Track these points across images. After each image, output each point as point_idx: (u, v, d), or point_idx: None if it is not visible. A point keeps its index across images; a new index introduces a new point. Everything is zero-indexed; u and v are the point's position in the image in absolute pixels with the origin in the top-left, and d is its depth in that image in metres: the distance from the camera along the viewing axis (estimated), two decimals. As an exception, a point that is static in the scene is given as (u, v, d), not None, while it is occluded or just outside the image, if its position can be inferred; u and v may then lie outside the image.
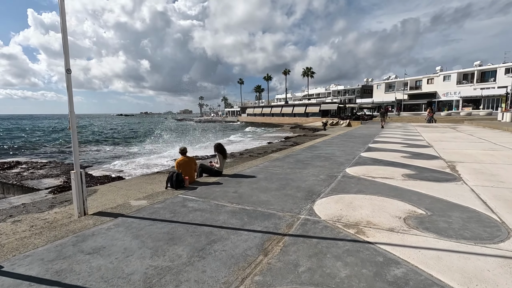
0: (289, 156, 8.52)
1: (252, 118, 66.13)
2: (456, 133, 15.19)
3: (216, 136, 32.68)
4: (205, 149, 18.33)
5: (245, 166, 6.96)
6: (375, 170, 6.14)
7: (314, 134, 21.78)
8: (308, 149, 10.00)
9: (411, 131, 17.57)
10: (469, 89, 49.06)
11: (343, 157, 7.97)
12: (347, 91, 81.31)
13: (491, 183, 4.86)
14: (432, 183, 4.95)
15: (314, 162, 7.27)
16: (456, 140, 11.78)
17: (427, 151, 8.89)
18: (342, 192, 4.50)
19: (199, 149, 18.26)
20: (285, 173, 6.06)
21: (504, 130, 15.60)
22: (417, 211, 3.55)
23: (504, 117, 23.31)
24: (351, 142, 12.12)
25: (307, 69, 72.82)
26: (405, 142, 11.61)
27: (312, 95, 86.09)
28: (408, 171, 5.95)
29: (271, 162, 7.54)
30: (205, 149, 18.33)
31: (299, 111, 51.87)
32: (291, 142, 15.20)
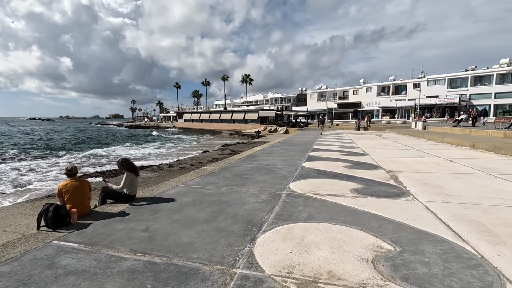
0: (226, 168, 7.40)
1: (190, 124, 63.27)
2: (384, 140, 16.20)
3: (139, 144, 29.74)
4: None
5: (170, 185, 5.57)
6: (321, 184, 5.43)
7: (253, 142, 21.17)
8: (247, 160, 9.04)
9: (344, 138, 18.26)
10: (387, 100, 55.56)
11: (285, 169, 7.20)
12: (283, 99, 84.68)
13: (440, 197, 4.52)
14: (384, 200, 4.39)
15: (254, 177, 6.28)
16: (387, 148, 12.29)
17: (365, 159, 8.78)
18: (289, 219, 3.56)
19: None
20: (219, 193, 4.90)
21: (421, 137, 17.28)
22: (383, 247, 2.78)
23: (416, 126, 26.41)
24: (291, 150, 11.64)
25: (246, 76, 73.43)
26: (342, 150, 11.61)
27: (251, 102, 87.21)
28: (356, 184, 5.40)
29: (204, 177, 6.30)
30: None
31: (238, 117, 51.45)
32: (229, 151, 14.14)
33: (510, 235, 3.05)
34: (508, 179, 5.78)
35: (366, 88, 60.37)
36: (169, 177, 7.50)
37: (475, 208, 3.94)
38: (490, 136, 14.51)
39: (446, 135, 15.70)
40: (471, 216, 3.62)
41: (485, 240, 2.91)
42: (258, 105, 75.90)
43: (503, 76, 42.82)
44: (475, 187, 5.13)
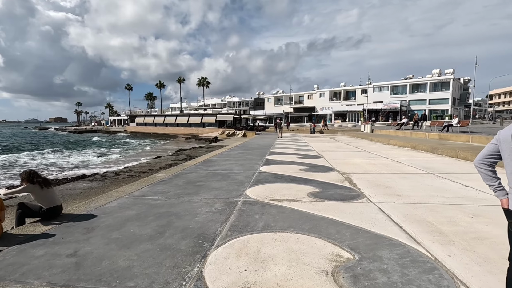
0: (179, 175, 6.89)
1: (143, 128, 59.88)
2: (337, 143, 16.91)
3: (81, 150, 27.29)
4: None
5: (112, 196, 4.93)
6: (278, 189, 5.28)
7: (210, 146, 20.62)
8: (203, 165, 8.60)
9: (300, 141, 18.68)
10: (338, 105, 58.91)
11: (242, 174, 6.94)
12: (241, 103, 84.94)
13: (391, 197, 4.65)
14: (340, 203, 4.36)
15: (209, 183, 5.90)
16: (340, 150, 12.77)
17: (321, 162, 8.93)
18: (245, 230, 3.28)
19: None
20: (169, 203, 4.44)
21: (369, 140, 18.42)
22: (342, 255, 2.65)
23: (365, 129, 28.26)
24: (249, 154, 11.45)
25: (203, 78, 72.09)
26: (299, 153, 11.75)
27: (208, 105, 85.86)
28: (312, 188, 5.34)
29: (153, 186, 5.74)
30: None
31: (195, 121, 50.08)
32: (184, 156, 13.46)
33: (457, 233, 3.16)
34: (446, 177, 6.25)
35: (320, 93, 63.39)
36: (114, 187, 6.75)
37: (423, 208, 4.09)
38: (427, 138, 15.99)
39: (391, 138, 16.94)
40: (420, 216, 3.72)
41: (436, 241, 2.96)
42: (216, 109, 74.98)
43: (435, 85, 48.30)
44: (421, 187, 5.41)
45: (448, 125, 17.09)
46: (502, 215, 3.83)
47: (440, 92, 47.20)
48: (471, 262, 2.51)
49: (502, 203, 1.68)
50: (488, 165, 1.72)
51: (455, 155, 9.30)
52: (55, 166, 17.86)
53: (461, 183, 5.69)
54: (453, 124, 16.83)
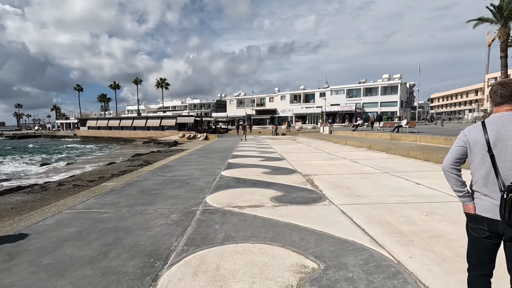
0: (132, 183, 6.31)
1: (95, 132, 55.64)
2: (298, 144, 17.22)
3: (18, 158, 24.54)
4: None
5: (50, 211, 4.29)
6: (241, 195, 5.05)
7: (170, 150, 19.72)
8: (160, 171, 8.05)
9: (263, 143, 18.71)
10: (298, 107, 60.69)
11: (202, 179, 6.59)
12: (203, 105, 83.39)
13: (352, 199, 4.69)
14: (303, 207, 4.28)
15: (165, 191, 5.47)
16: (301, 151, 12.97)
17: (283, 164, 8.91)
18: (203, 243, 3.00)
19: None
20: (118, 217, 3.96)
21: (328, 141, 19.09)
22: (307, 265, 2.50)
23: (324, 130, 29.37)
24: (210, 158, 11.07)
25: (161, 80, 69.32)
26: (261, 155, 11.67)
27: (168, 107, 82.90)
28: (275, 192, 5.21)
29: (102, 197, 5.15)
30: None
31: (154, 124, 47.87)
32: (140, 161, 12.60)
33: (415, 232, 3.22)
34: (400, 176, 6.56)
35: (281, 96, 64.76)
36: (55, 200, 5.95)
37: (382, 208, 4.16)
38: (381, 138, 17.03)
39: (349, 138, 17.73)
40: (380, 217, 3.76)
41: (397, 242, 2.96)
42: (176, 111, 72.62)
43: (385, 88, 52.19)
44: (378, 186, 5.58)
45: (398, 126, 18.41)
46: (451, 211, 4.06)
47: (390, 95, 51.10)
48: (431, 262, 2.53)
49: (468, 208, 1.61)
50: (459, 170, 1.63)
51: (406, 154, 9.93)
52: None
53: (414, 181, 6.00)
54: (403, 125, 18.17)
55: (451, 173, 1.62)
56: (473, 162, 1.59)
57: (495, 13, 26.42)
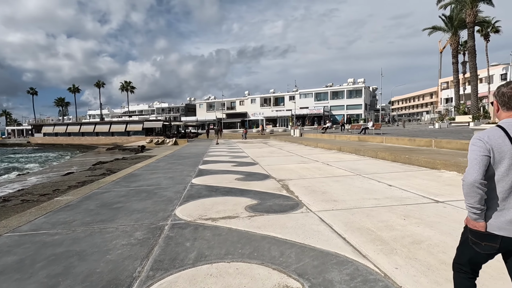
0: (91, 197, 5.69)
1: (52, 139, 51.50)
2: (270, 148, 17.15)
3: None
4: None
5: (-14, 236, 3.63)
6: (213, 205, 4.72)
7: (136, 157, 18.68)
8: (124, 181, 7.43)
9: (234, 148, 18.41)
10: (269, 111, 61.23)
11: (171, 189, 6.14)
12: (171, 109, 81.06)
13: (328, 204, 4.57)
14: (280, 216, 4.06)
15: (130, 204, 4.96)
16: (274, 155, 12.87)
17: (256, 169, 8.69)
18: (172, 266, 2.64)
19: None
20: (71, 238, 3.45)
21: (300, 144, 19.28)
22: (290, 285, 2.27)
23: (295, 133, 29.77)
24: (180, 164, 10.54)
25: (126, 83, 66.27)
26: (233, 160, 11.37)
27: (134, 111, 79.42)
28: (250, 200, 4.95)
29: (53, 214, 4.53)
30: None
31: (119, 129, 45.43)
32: (103, 170, 11.68)
33: (396, 239, 3.13)
34: (372, 178, 6.63)
35: (251, 99, 64.94)
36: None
37: (360, 213, 4.07)
38: (349, 140, 17.53)
39: (319, 141, 18.03)
40: (359, 223, 3.66)
41: (380, 251, 2.84)
42: (143, 116, 69.72)
43: (351, 92, 54.51)
44: (353, 189, 5.55)
45: (365, 128, 19.12)
46: (426, 214, 4.08)
47: (354, 98, 53.44)
48: (418, 273, 2.41)
49: (479, 225, 1.43)
50: (486, 185, 1.39)
51: (375, 155, 10.21)
52: None
53: (385, 182, 6.07)
54: (369, 127, 18.91)
55: (480, 188, 1.36)
56: (498, 172, 1.38)
57: (446, 23, 28.77)
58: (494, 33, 38.96)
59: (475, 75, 25.07)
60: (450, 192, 5.07)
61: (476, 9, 23.73)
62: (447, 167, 7.10)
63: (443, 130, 20.19)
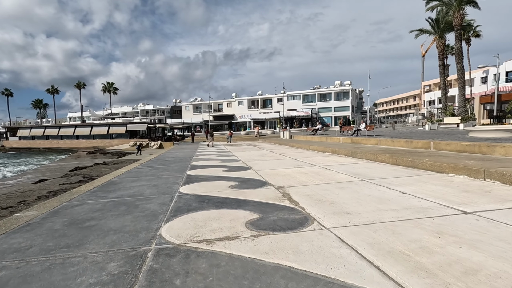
0: (59, 212, 4.80)
1: (29, 143, 48.79)
2: (261, 151, 16.48)
3: None
4: None
5: None
6: (206, 221, 3.97)
7: (118, 161, 17.54)
8: (102, 190, 6.54)
9: (223, 151, 17.62)
10: (256, 113, 60.67)
11: (156, 200, 5.34)
12: (156, 111, 79.09)
13: (342, 218, 3.92)
14: (290, 235, 3.37)
15: (105, 221, 4.14)
16: (266, 159, 12.19)
17: (250, 174, 7.99)
18: (157, 321, 1.89)
19: None
20: (22, 275, 2.62)
21: (291, 146, 18.72)
22: None
23: (284, 135, 29.26)
24: (166, 170, 9.68)
25: (109, 84, 64.02)
26: (224, 164, 10.61)
27: (117, 114, 76.87)
28: (249, 214, 4.24)
29: (7, 237, 3.65)
30: None
31: (101, 132, 43.52)
32: (79, 177, 10.62)
33: (442, 266, 2.50)
34: (379, 183, 6.06)
35: (238, 101, 64.16)
36: None
37: (383, 229, 3.44)
38: (341, 142, 17.10)
39: (311, 143, 17.52)
40: (387, 243, 3.02)
41: (430, 287, 2.20)
42: (127, 118, 67.52)
43: (338, 94, 54.79)
44: (363, 198, 4.94)
45: (357, 129, 18.79)
46: (462, 229, 3.46)
47: (342, 100, 53.72)
48: (497, 325, 1.78)
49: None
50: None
51: (374, 158, 9.71)
52: None
53: (396, 189, 5.51)
54: (362, 129, 18.58)
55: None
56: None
57: (433, 25, 29.18)
58: (475, 37, 40.10)
59: (462, 77, 25.38)
60: (472, 200, 4.55)
61: (462, 12, 24.07)
62: (456, 170, 6.64)
63: (434, 132, 20.16)
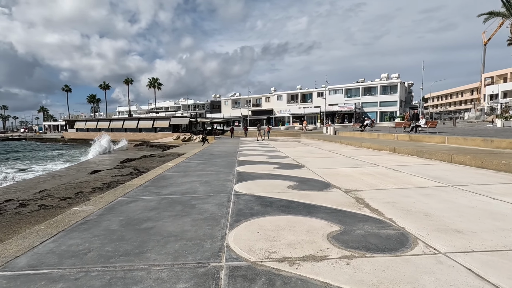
0: (115, 208, 4.54)
1: (84, 135, 53.11)
2: (307, 147, 15.58)
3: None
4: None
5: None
6: (278, 231, 3.35)
7: (164, 154, 17.88)
8: (154, 185, 6.29)
9: (266, 146, 17.04)
10: (296, 108, 59.27)
11: (212, 199, 4.86)
12: (197, 106, 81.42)
13: (455, 238, 3.03)
14: (393, 258, 2.60)
15: (162, 224, 3.72)
16: (316, 155, 11.33)
17: (305, 173, 7.25)
18: None
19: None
20: (79, 286, 2.22)
21: (338, 143, 17.51)
22: None
23: (328, 131, 27.86)
24: (213, 165, 9.33)
25: (154, 79, 67.11)
26: (272, 161, 9.99)
27: (161, 108, 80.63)
28: (326, 224, 3.53)
29: (66, 236, 3.38)
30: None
31: (146, 125, 45.72)
32: (130, 169, 10.77)
33: None
34: (476, 191, 4.94)
35: (277, 96, 63.22)
36: (0, 233, 4.14)
37: (528, 261, 2.50)
38: (397, 139, 15.52)
39: (362, 140, 16.18)
40: (552, 287, 2.10)
41: None
42: (169, 112, 70.38)
43: (384, 88, 51.16)
44: (466, 211, 3.94)
45: (416, 126, 16.95)
46: None
47: (389, 95, 50.07)
48: None
49: None
50: None
51: (449, 159, 8.36)
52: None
53: (505, 200, 4.39)
54: (421, 125, 16.72)
55: None
56: None
57: (507, 6, 25.32)
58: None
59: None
60: None
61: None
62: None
63: (510, 129, 17.48)
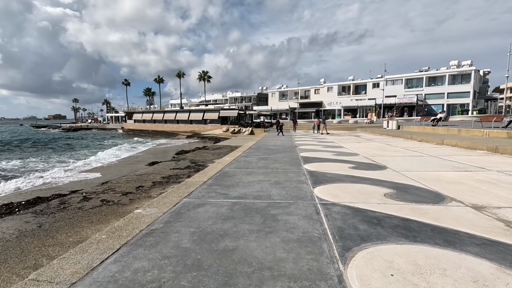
0: (182, 214, 3.83)
1: (140, 125, 56.77)
2: (373, 143, 13.83)
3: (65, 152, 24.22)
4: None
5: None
6: (419, 273, 2.23)
7: (216, 146, 17.58)
8: (218, 184, 5.54)
9: (324, 140, 15.63)
10: (347, 100, 55.73)
11: (294, 209, 3.89)
12: (244, 98, 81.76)
13: None
14: None
15: (245, 245, 2.85)
16: (391, 153, 9.71)
17: (396, 177, 5.89)
18: None
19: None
20: None
21: (408, 138, 15.34)
22: None
23: (389, 125, 25.16)
24: (275, 161, 8.38)
25: (203, 73, 68.83)
26: (340, 158, 8.70)
27: (210, 101, 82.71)
28: (495, 268, 2.30)
29: (128, 255, 2.70)
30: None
31: (197, 117, 46.97)
32: (187, 162, 10.40)
33: None
34: None
35: (327, 87, 60.13)
36: (68, 229, 3.70)
37: None
38: (487, 136, 12.92)
39: (442, 137, 13.85)
40: None
41: None
42: (218, 105, 71.82)
43: (454, 77, 45.05)
44: None
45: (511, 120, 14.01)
46: None
47: (460, 85, 43.92)
48: None
49: None
50: None
51: None
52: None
53: None
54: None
55: None
56: None
57: None
58: None
59: None
60: None
61: None
62: None
63: None
